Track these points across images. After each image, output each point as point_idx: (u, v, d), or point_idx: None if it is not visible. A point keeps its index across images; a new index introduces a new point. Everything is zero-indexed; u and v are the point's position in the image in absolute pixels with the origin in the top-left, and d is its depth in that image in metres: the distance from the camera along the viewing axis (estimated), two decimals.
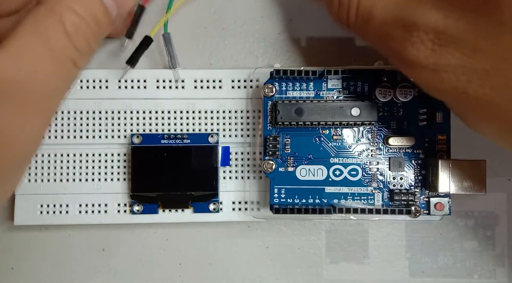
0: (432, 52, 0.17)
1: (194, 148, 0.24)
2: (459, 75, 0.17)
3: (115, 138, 0.24)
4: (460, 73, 0.17)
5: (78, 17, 0.18)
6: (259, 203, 0.24)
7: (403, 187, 0.23)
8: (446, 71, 0.17)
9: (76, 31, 0.18)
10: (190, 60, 0.25)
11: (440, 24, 0.17)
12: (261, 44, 0.25)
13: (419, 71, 0.18)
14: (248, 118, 0.24)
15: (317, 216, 0.23)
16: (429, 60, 0.17)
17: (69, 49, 0.18)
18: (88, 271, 0.25)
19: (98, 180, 0.24)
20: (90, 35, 0.19)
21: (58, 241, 0.25)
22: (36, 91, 0.18)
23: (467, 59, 0.16)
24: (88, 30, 0.19)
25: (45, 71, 0.18)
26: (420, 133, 0.23)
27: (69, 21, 0.18)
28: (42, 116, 0.19)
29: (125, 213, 0.24)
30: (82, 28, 0.18)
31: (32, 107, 0.18)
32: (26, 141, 0.19)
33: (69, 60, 0.18)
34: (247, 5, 0.25)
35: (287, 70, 0.22)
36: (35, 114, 0.18)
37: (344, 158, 0.23)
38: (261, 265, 0.25)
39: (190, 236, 0.25)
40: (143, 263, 0.25)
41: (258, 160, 0.24)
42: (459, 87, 0.17)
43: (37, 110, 0.18)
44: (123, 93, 0.24)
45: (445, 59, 0.17)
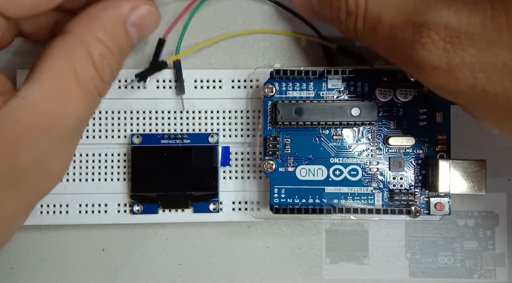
0: (445, 52, 0.17)
1: (194, 148, 0.24)
2: (476, 73, 0.16)
3: (115, 138, 0.24)
4: (477, 70, 0.16)
5: (105, 48, 0.18)
6: (259, 203, 0.24)
7: (403, 187, 0.23)
8: (461, 70, 0.16)
9: (103, 62, 0.18)
10: (190, 60, 0.25)
11: (453, 21, 0.16)
12: (261, 44, 0.25)
13: (432, 73, 0.17)
14: (248, 118, 0.24)
15: (317, 216, 0.23)
16: (442, 60, 0.17)
17: (96, 80, 0.18)
18: (88, 271, 0.25)
19: (98, 180, 0.24)
20: (115, 65, 0.19)
21: (58, 241, 0.25)
22: (67, 124, 0.18)
23: (484, 55, 0.16)
24: (114, 60, 0.19)
25: (73, 103, 0.18)
26: (420, 133, 0.23)
27: (97, 52, 0.18)
28: (73, 146, 0.19)
29: (125, 213, 0.24)
30: (108, 59, 0.18)
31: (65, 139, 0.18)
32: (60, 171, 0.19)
33: (96, 91, 0.18)
34: (247, 5, 0.25)
35: (287, 70, 0.22)
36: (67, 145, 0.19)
37: (344, 158, 0.23)
38: (261, 265, 0.25)
39: (190, 236, 0.25)
40: (143, 263, 0.25)
41: (258, 160, 0.24)
42: (477, 85, 0.16)
43: (68, 141, 0.18)
44: (123, 93, 0.24)
45: (459, 58, 0.16)
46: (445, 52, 0.17)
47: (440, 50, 0.17)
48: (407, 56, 0.18)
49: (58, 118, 0.17)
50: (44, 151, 0.17)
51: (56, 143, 0.18)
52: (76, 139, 0.19)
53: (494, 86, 0.16)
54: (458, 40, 0.16)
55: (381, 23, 0.18)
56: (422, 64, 0.17)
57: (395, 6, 0.18)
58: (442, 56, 0.17)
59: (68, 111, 0.18)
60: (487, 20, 0.16)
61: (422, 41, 0.17)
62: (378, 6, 0.18)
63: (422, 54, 0.17)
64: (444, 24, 0.17)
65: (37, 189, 0.18)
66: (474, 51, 0.16)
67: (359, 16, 0.19)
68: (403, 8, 0.18)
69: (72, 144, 0.19)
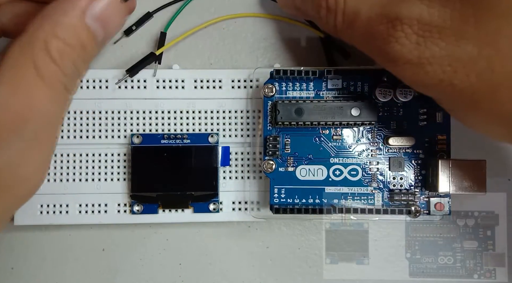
0: (417, 45, 0.17)
1: (194, 148, 0.24)
2: (444, 66, 0.17)
3: (115, 138, 0.24)
4: (446, 63, 0.16)
5: (62, 43, 0.18)
6: (259, 203, 0.24)
7: (403, 187, 0.23)
8: (431, 63, 0.17)
9: (62, 57, 0.18)
10: (190, 60, 0.25)
11: (425, 14, 0.17)
12: (261, 44, 0.25)
13: (404, 66, 0.17)
14: (248, 118, 0.24)
15: (317, 216, 0.23)
16: (414, 53, 0.17)
17: (58, 74, 0.18)
18: (88, 271, 0.25)
19: (98, 180, 0.24)
20: (77, 60, 0.18)
21: (58, 241, 0.25)
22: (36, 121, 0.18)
23: (452, 48, 0.16)
24: (74, 54, 0.18)
25: (40, 99, 0.17)
26: (420, 133, 0.23)
27: (54, 48, 0.18)
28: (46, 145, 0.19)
29: (125, 213, 0.24)
30: (67, 53, 0.18)
31: (37, 137, 0.18)
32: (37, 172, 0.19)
33: (61, 85, 0.18)
34: (247, 5, 0.25)
35: (287, 70, 0.22)
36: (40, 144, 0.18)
37: (344, 158, 0.23)
38: (261, 265, 0.25)
39: (190, 236, 0.25)
40: (143, 263, 0.25)
41: (258, 160, 0.24)
42: (445, 79, 0.17)
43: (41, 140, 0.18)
44: (123, 93, 0.24)
45: (430, 51, 0.17)
46: (417, 45, 0.17)
47: (413, 43, 0.17)
48: (382, 50, 0.18)
49: (26, 115, 0.17)
50: (16, 152, 0.17)
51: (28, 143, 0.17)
52: (49, 138, 0.19)
53: (461, 80, 0.16)
54: (429, 33, 0.16)
55: (358, 17, 0.19)
56: (395, 58, 0.18)
57: (372, 1, 0.18)
58: (414, 50, 0.17)
59: (36, 107, 0.17)
60: (456, 13, 0.16)
61: (396, 35, 0.17)
62: (356, 1, 0.19)
63: (395, 47, 0.17)
64: (417, 18, 0.17)
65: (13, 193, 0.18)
66: (444, 44, 0.16)
67: (339, 11, 0.19)
68: (378, 2, 0.18)
69: (45, 144, 0.19)
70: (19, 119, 0.17)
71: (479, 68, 0.16)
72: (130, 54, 0.25)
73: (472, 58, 0.16)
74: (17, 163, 0.17)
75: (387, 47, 0.18)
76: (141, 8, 0.25)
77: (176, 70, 0.24)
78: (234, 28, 0.25)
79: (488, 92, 0.16)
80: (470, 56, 0.16)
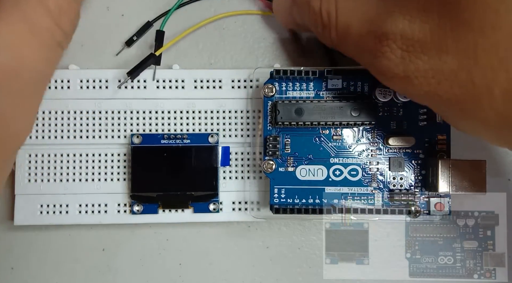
0: (402, 60, 0.17)
1: (194, 148, 0.24)
2: (428, 79, 0.17)
3: (115, 138, 0.24)
4: (430, 76, 0.17)
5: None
6: (259, 203, 0.24)
7: (403, 187, 0.23)
8: (416, 76, 0.17)
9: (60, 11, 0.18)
10: (190, 60, 0.25)
11: (407, 30, 0.17)
12: (261, 44, 0.25)
13: (393, 80, 0.18)
14: (248, 118, 0.24)
15: (317, 216, 0.23)
16: (400, 67, 0.18)
17: (54, 30, 0.18)
18: (88, 271, 0.25)
19: (98, 180, 0.24)
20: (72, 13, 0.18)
21: (58, 241, 0.25)
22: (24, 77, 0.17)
23: (434, 61, 0.17)
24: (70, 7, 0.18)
25: (30, 55, 0.17)
26: (420, 133, 0.23)
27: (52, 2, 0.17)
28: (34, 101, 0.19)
29: (125, 213, 0.24)
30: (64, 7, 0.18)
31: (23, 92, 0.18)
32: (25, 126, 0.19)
33: (54, 42, 0.18)
34: (247, 5, 0.25)
35: (287, 70, 0.22)
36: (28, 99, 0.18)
37: (344, 158, 0.23)
38: (261, 265, 0.25)
39: (190, 236, 0.25)
40: (143, 263, 0.25)
41: (258, 160, 0.24)
42: (430, 90, 0.17)
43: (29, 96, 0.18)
44: (123, 93, 0.24)
45: (414, 65, 0.17)
46: (402, 60, 0.17)
47: (399, 58, 0.17)
48: (371, 64, 0.19)
49: (16, 71, 0.17)
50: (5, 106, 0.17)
51: (17, 98, 0.18)
52: (38, 93, 0.19)
53: (445, 91, 0.17)
54: (412, 48, 0.17)
55: (350, 32, 0.19)
56: (384, 72, 0.18)
57: (360, 16, 0.19)
58: (400, 64, 0.17)
59: (26, 64, 0.17)
60: (435, 27, 0.17)
61: (382, 50, 0.18)
62: (346, 18, 0.19)
63: (383, 62, 0.18)
64: (400, 33, 0.17)
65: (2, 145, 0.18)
66: (426, 58, 0.17)
67: (332, 27, 0.20)
68: (366, 18, 0.19)
69: (34, 98, 0.19)
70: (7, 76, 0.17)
71: (461, 80, 0.16)
72: (130, 54, 0.25)
73: (453, 70, 0.16)
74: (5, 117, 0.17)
75: (376, 61, 0.18)
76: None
77: (176, 70, 0.24)
78: (234, 28, 0.25)
79: (471, 102, 0.17)
80: (451, 69, 0.16)
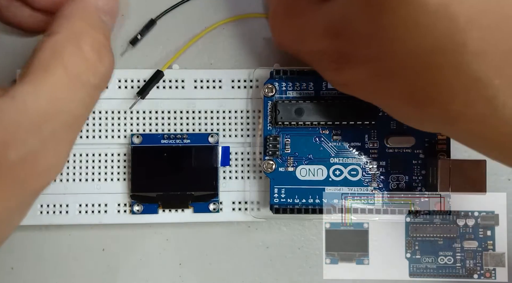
0: (336, 72, 0.19)
1: (194, 148, 0.24)
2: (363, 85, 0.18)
3: (115, 138, 0.24)
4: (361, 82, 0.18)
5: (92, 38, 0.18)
6: (259, 203, 0.24)
7: (403, 187, 0.23)
8: (353, 84, 0.19)
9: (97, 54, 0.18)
10: (190, 60, 0.25)
11: (327, 45, 0.18)
12: (261, 44, 0.25)
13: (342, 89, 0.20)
14: (248, 118, 0.24)
15: (317, 216, 0.23)
16: (337, 78, 0.20)
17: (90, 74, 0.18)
18: (88, 271, 0.25)
19: (98, 180, 0.24)
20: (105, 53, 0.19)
21: (58, 241, 0.25)
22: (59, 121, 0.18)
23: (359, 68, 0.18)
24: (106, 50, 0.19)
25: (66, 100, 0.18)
26: (420, 133, 0.23)
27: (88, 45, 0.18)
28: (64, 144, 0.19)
29: (125, 213, 0.24)
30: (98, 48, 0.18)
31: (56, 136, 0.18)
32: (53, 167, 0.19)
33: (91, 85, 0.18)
34: (247, 5, 0.25)
35: (287, 70, 0.22)
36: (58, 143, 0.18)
37: (344, 158, 0.23)
38: (261, 265, 0.25)
39: (190, 236, 0.25)
40: (143, 263, 0.25)
41: (258, 160, 0.24)
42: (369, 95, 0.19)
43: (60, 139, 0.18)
44: (123, 93, 0.24)
45: (346, 74, 0.19)
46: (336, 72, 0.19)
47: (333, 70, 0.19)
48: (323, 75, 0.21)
49: (50, 117, 0.17)
50: (34, 148, 0.17)
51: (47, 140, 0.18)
52: (71, 136, 0.19)
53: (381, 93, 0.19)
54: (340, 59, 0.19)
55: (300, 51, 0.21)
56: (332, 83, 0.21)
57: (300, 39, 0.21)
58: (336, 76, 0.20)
59: (61, 109, 0.17)
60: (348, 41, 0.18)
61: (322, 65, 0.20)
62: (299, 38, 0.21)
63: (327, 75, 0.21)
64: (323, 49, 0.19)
65: (29, 186, 0.18)
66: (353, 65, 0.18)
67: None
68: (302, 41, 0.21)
69: (66, 140, 0.19)
70: (40, 120, 0.17)
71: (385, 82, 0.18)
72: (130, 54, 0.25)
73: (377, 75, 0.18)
74: (33, 159, 0.17)
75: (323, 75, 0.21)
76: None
77: (176, 70, 0.24)
78: (234, 28, 0.25)
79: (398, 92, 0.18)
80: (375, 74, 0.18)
